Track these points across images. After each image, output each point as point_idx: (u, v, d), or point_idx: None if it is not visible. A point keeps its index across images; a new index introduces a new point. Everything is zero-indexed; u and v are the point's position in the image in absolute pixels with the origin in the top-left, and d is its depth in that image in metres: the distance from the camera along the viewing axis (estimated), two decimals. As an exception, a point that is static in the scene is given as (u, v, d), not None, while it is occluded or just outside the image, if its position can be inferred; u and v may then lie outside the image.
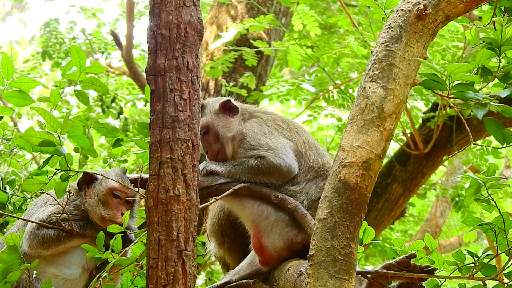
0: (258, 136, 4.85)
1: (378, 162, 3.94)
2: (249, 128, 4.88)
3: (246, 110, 5.04)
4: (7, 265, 4.40)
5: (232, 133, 4.88)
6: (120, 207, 4.78)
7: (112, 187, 4.76)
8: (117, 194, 4.79)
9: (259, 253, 4.73)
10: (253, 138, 4.84)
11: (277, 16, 9.45)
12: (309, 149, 4.87)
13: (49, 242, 4.71)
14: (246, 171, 4.70)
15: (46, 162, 4.50)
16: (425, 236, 4.46)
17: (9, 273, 4.42)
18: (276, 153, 4.77)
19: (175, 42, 3.79)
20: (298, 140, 4.88)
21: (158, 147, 3.73)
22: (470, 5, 4.11)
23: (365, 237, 4.53)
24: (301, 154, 4.83)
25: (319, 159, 4.84)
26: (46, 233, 4.72)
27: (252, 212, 4.71)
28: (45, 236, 4.71)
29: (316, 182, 4.75)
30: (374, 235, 4.55)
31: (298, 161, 4.80)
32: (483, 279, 4.19)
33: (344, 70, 9.19)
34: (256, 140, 4.82)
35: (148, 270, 3.67)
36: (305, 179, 4.76)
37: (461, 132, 8.90)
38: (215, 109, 4.95)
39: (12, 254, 4.41)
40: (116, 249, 4.39)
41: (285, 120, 5.02)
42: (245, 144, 4.82)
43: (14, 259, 4.41)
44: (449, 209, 12.67)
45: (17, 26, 23.89)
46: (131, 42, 10.25)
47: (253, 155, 4.75)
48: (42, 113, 4.37)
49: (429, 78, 4.02)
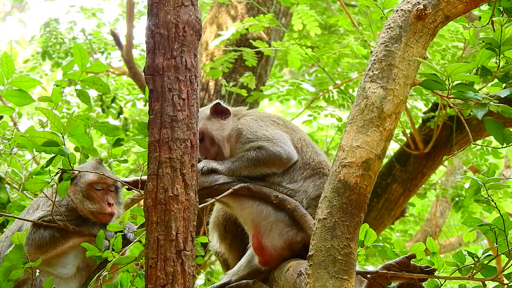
0: (254, 129, 4.86)
1: (378, 162, 3.94)
2: (244, 123, 4.89)
3: (239, 112, 5.05)
4: (12, 264, 4.40)
5: (227, 132, 4.88)
6: (105, 197, 4.80)
7: (91, 181, 4.77)
8: (99, 185, 4.80)
9: (259, 253, 4.72)
10: (249, 131, 4.84)
11: (277, 16, 9.45)
12: (305, 145, 4.87)
13: (45, 246, 4.73)
14: (247, 164, 4.70)
15: (49, 162, 4.50)
16: (427, 239, 4.45)
17: (12, 271, 4.43)
18: (274, 142, 4.77)
19: (174, 41, 3.79)
20: (294, 136, 4.89)
21: (157, 146, 3.73)
22: (470, 5, 4.11)
23: (366, 239, 4.53)
24: (298, 150, 4.83)
25: (315, 157, 4.83)
26: (42, 237, 4.73)
27: (252, 212, 4.71)
28: (41, 241, 4.73)
29: (313, 180, 4.75)
30: (376, 238, 4.54)
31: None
32: (483, 280, 4.18)
33: (344, 70, 9.18)
34: (253, 133, 4.83)
35: (147, 270, 3.67)
36: (302, 177, 4.76)
37: (461, 132, 8.90)
38: (206, 115, 4.95)
39: (17, 253, 4.42)
40: (116, 248, 4.39)
41: (280, 118, 5.06)
42: (242, 138, 4.82)
43: (18, 258, 4.42)
44: (449, 209, 12.67)
45: (17, 26, 23.90)
46: (131, 42, 10.24)
47: (252, 147, 4.75)
48: (46, 113, 4.38)
49: (429, 78, 4.01)
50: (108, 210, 4.76)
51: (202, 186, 4.62)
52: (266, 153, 4.70)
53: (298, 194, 4.69)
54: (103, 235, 4.47)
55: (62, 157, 4.45)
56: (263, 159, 4.70)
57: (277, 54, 10.40)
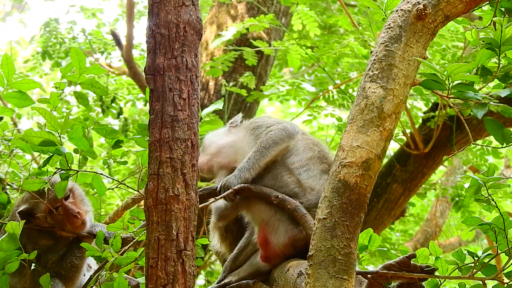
0: (258, 119, 5.02)
1: (378, 162, 3.94)
2: (249, 121, 5.05)
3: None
4: (5, 254, 4.38)
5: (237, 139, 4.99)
6: (68, 211, 4.77)
7: (46, 210, 4.75)
8: (54, 208, 4.78)
9: (263, 248, 4.74)
10: (257, 121, 4.99)
11: (277, 16, 9.46)
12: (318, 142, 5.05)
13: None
14: (259, 156, 4.73)
15: (46, 162, 4.51)
16: (430, 243, 4.44)
17: (7, 263, 4.42)
18: (278, 122, 4.91)
19: (174, 41, 3.79)
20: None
21: (158, 146, 3.73)
22: (470, 5, 4.11)
23: (371, 244, 4.53)
24: (312, 141, 4.98)
25: (328, 154, 5.00)
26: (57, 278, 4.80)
27: (260, 208, 4.72)
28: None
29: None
30: (380, 243, 4.54)
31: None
32: (483, 279, 4.18)
33: (344, 70, 9.19)
34: (260, 121, 4.97)
35: (148, 269, 3.67)
36: (319, 170, 4.82)
37: (461, 132, 8.90)
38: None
39: (10, 244, 4.40)
40: (115, 248, 4.40)
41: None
42: (253, 129, 4.92)
43: (12, 249, 4.40)
44: (449, 209, 12.67)
45: (17, 26, 23.89)
46: (131, 42, 10.24)
47: (261, 134, 4.85)
48: (43, 113, 4.38)
49: (429, 78, 4.01)
50: (78, 222, 4.76)
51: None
52: (274, 134, 4.79)
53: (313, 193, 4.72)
54: (103, 235, 4.47)
55: (59, 157, 4.45)
56: (273, 139, 4.77)
57: (277, 54, 10.40)
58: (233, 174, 4.70)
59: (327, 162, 4.87)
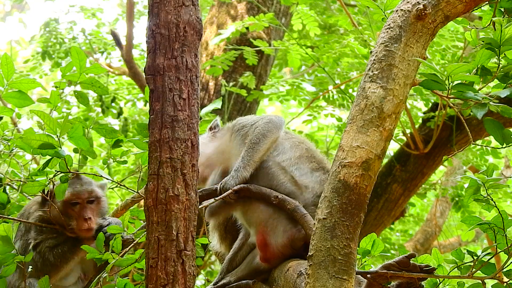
0: (241, 120, 5.03)
1: (378, 162, 3.94)
2: (231, 123, 5.06)
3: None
4: (1, 257, 4.38)
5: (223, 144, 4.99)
6: (83, 212, 4.78)
7: (65, 198, 4.73)
8: (74, 201, 4.78)
9: (262, 249, 4.73)
10: (240, 121, 4.99)
11: (277, 16, 9.46)
12: (306, 141, 5.07)
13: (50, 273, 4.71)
14: (251, 152, 4.72)
15: (46, 164, 4.50)
16: (433, 250, 4.44)
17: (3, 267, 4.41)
18: (262, 117, 4.93)
19: (174, 41, 3.79)
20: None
21: (157, 146, 3.73)
22: (470, 5, 4.11)
23: (373, 249, 4.52)
24: (300, 139, 5.01)
25: (317, 154, 5.01)
26: (44, 263, 4.74)
27: (258, 209, 4.72)
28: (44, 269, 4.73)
29: (319, 175, 4.82)
30: (383, 247, 4.54)
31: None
32: (483, 278, 4.18)
33: (344, 70, 9.18)
34: (244, 121, 4.98)
35: (148, 269, 3.67)
36: (309, 169, 4.82)
37: (461, 132, 8.90)
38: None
39: (5, 246, 4.39)
40: (116, 249, 4.40)
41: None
42: (238, 130, 4.93)
43: (7, 251, 4.39)
44: (449, 209, 12.67)
45: (17, 26, 23.91)
46: (131, 42, 10.25)
47: (248, 132, 4.85)
48: (41, 115, 4.37)
49: (429, 78, 4.01)
50: (85, 226, 4.75)
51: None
52: (261, 128, 4.80)
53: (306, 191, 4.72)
54: (103, 237, 4.47)
55: (59, 159, 4.45)
56: (262, 133, 4.77)
57: (277, 54, 10.40)
58: (230, 175, 4.70)
59: (315, 160, 4.88)
